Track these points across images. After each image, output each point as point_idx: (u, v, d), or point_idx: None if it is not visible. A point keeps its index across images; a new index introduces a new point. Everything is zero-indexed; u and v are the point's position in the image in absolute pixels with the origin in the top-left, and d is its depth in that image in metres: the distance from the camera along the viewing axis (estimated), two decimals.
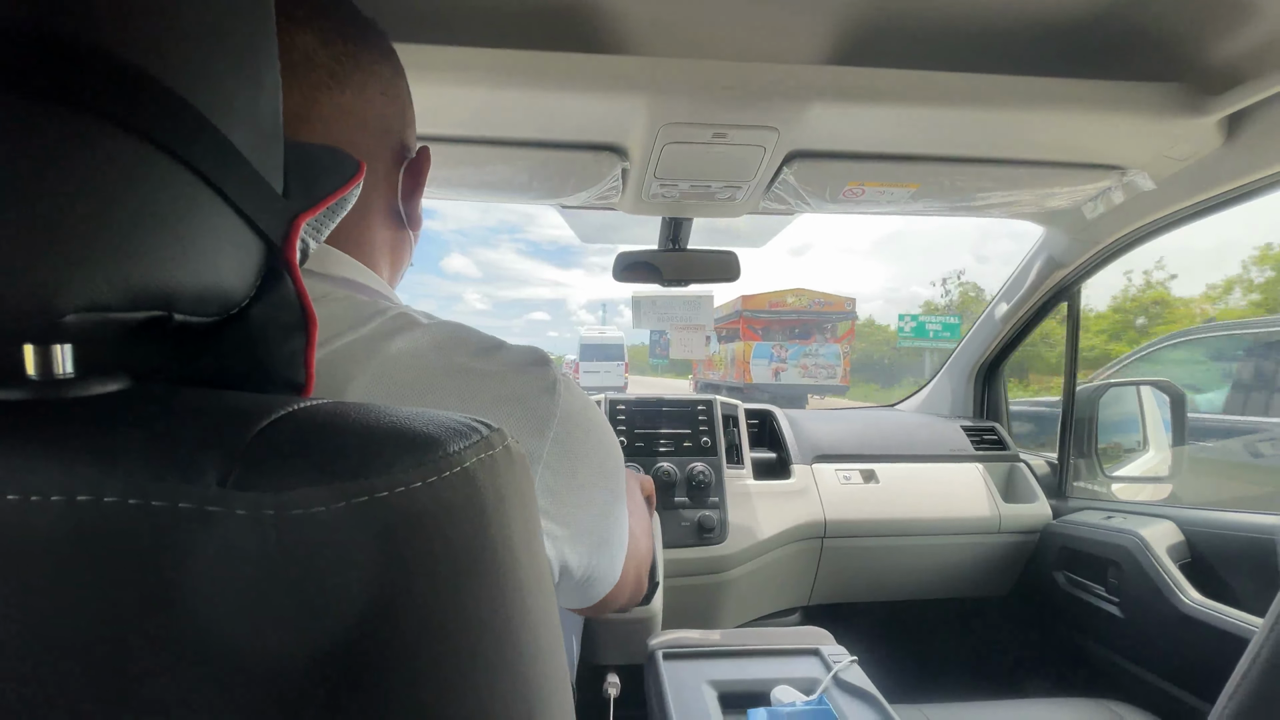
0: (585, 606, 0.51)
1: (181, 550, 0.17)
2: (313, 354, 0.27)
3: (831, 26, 0.75)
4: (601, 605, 0.52)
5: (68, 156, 0.18)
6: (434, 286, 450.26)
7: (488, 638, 0.22)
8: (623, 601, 0.55)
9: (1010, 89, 0.78)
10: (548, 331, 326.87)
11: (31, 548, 0.17)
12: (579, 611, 0.56)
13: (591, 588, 0.46)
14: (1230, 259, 20.32)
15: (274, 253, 0.26)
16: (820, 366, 15.59)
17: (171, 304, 0.22)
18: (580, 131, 0.87)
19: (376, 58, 0.44)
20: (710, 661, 0.87)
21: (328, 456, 0.19)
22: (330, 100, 0.41)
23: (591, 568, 0.43)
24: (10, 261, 0.17)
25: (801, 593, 1.42)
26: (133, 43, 0.19)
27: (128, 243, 0.19)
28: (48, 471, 0.17)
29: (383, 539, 0.19)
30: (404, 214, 0.49)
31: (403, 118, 0.48)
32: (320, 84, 0.41)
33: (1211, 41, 0.76)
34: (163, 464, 0.18)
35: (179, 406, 0.21)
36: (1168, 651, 1.10)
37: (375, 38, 0.45)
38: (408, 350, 0.37)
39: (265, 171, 0.25)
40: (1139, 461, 1.52)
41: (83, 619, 0.17)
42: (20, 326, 0.19)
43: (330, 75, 0.41)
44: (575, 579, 0.42)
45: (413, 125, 0.50)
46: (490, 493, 0.23)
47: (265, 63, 0.25)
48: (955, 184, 1.00)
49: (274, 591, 0.18)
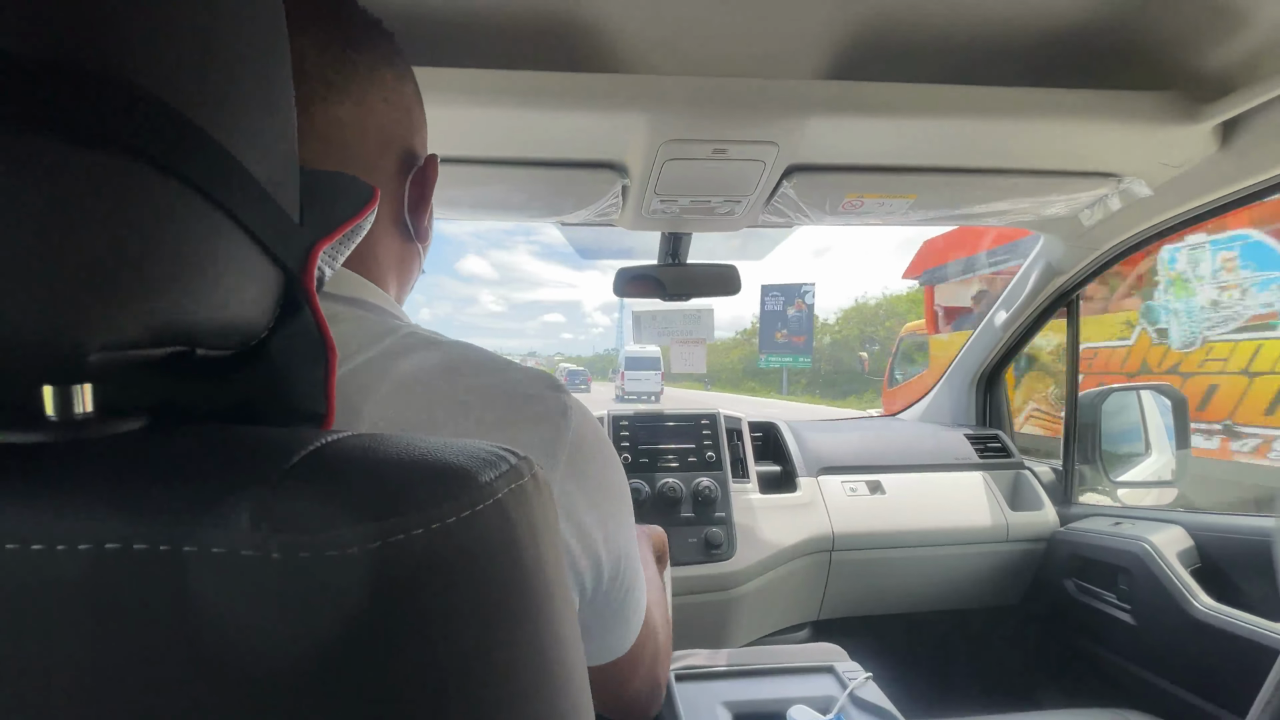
0: (603, 663, 0.48)
1: (216, 596, 0.17)
2: (333, 383, 0.27)
3: (829, 42, 0.76)
4: (618, 670, 0.49)
5: (95, 194, 0.17)
6: (449, 289, 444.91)
7: (526, 672, 0.21)
8: (639, 674, 0.52)
9: (1005, 100, 0.79)
10: (562, 334, 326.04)
11: (60, 598, 0.16)
12: (595, 673, 0.50)
13: (609, 629, 0.45)
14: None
15: (293, 282, 0.26)
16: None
17: (194, 339, 0.21)
18: (580, 150, 0.87)
19: (378, 61, 0.42)
20: (723, 682, 0.86)
21: (361, 495, 0.18)
22: (325, 114, 0.39)
23: (609, 599, 0.42)
24: (36, 301, 0.17)
25: (811, 607, 1.41)
26: (157, 76, 0.18)
27: (154, 279, 0.19)
28: (74, 519, 0.17)
29: (420, 578, 0.18)
30: (411, 226, 0.48)
31: (409, 124, 0.46)
32: (314, 96, 0.38)
33: (1203, 51, 0.77)
34: (192, 508, 0.17)
35: (202, 445, 0.21)
36: (1182, 658, 1.09)
37: (378, 39, 0.43)
38: (417, 372, 0.36)
39: (282, 201, 0.25)
40: (1143, 466, 1.52)
41: (115, 669, 0.16)
42: (44, 367, 0.19)
43: (326, 86, 0.39)
44: (591, 612, 0.42)
45: (421, 131, 0.48)
46: (523, 524, 0.22)
47: (281, 90, 0.25)
48: (953, 194, 1.01)
49: (312, 635, 0.17)
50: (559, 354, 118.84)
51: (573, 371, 34.43)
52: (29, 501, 0.17)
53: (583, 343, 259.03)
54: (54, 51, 0.16)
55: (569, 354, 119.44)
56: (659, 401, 20.82)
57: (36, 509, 0.17)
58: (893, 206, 1.04)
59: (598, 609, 0.42)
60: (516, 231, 51.65)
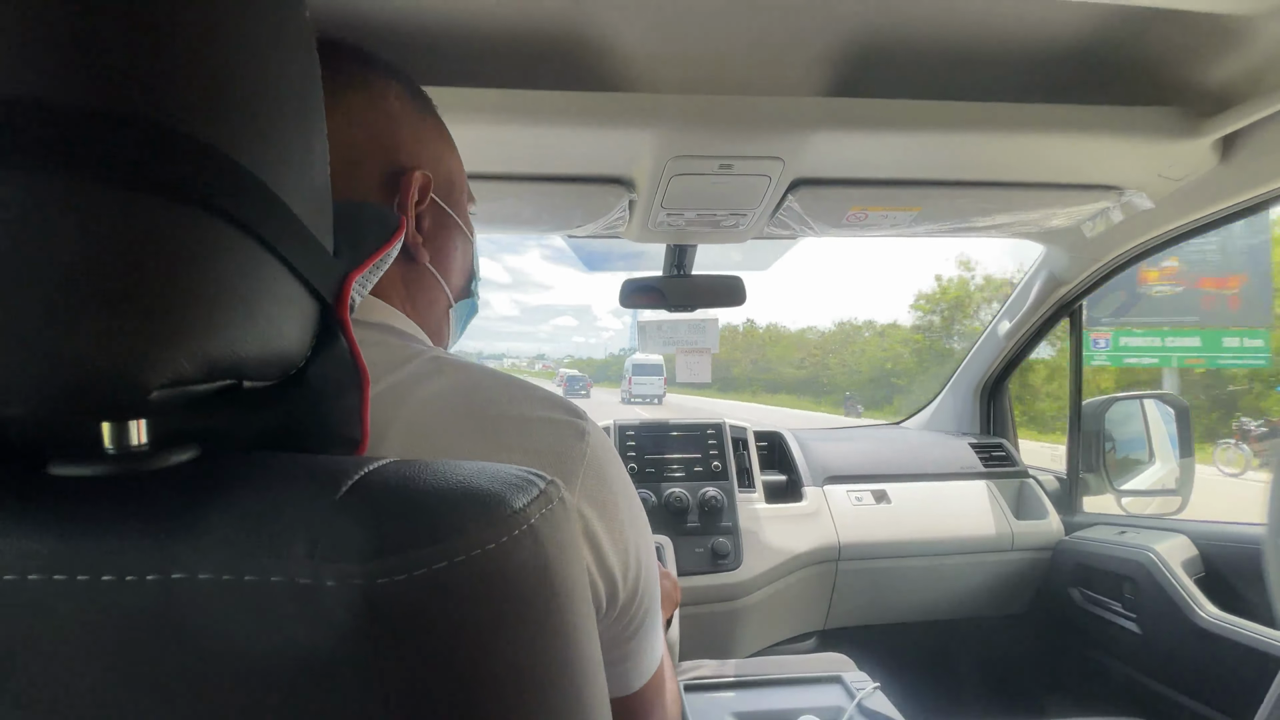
0: (623, 695, 0.47)
1: (276, 623, 0.18)
2: (367, 409, 0.28)
3: (834, 59, 0.77)
4: (637, 703, 0.48)
5: (155, 239, 0.18)
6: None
7: (557, 693, 0.22)
8: (655, 715, 0.50)
9: (1008, 115, 0.80)
10: (573, 337, 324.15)
11: (130, 628, 0.17)
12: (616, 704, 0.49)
13: (631, 652, 0.45)
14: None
15: (328, 312, 0.27)
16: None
17: (241, 371, 0.22)
18: (589, 165, 0.88)
19: (338, 87, 0.42)
20: (732, 693, 0.87)
21: (406, 523, 0.19)
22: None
23: (630, 616, 0.43)
24: (101, 343, 0.18)
25: (817, 617, 1.41)
26: (206, 121, 0.19)
27: (208, 318, 0.20)
28: (141, 550, 0.18)
29: (462, 603, 0.19)
30: (408, 246, 0.46)
31: (388, 144, 0.45)
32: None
33: (1203, 66, 0.78)
34: (252, 539, 0.18)
35: (254, 475, 0.22)
36: (1187, 667, 1.09)
37: (339, 64, 0.43)
38: (439, 396, 0.37)
39: (318, 234, 0.26)
40: (1147, 475, 1.52)
41: (184, 695, 0.17)
42: (107, 404, 0.20)
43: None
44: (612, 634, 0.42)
45: (409, 150, 0.47)
46: (553, 547, 0.23)
47: (316, 129, 0.26)
48: (956, 207, 1.02)
49: (363, 659, 0.18)
50: (568, 356, 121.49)
51: (572, 377, 34.31)
52: (98, 535, 0.18)
53: (594, 345, 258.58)
54: (98, 97, 0.17)
55: (580, 357, 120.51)
56: (661, 404, 24.24)
57: (105, 541, 0.18)
58: (897, 219, 1.05)
59: (619, 628, 0.43)
60: (529, 235, 53.38)
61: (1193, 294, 7.22)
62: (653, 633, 0.47)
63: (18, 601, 0.18)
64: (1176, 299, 7.27)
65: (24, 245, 0.17)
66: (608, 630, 0.41)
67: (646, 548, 0.44)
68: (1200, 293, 7.17)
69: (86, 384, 0.18)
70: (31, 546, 0.18)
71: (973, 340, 1.69)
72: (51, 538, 0.18)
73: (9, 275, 0.16)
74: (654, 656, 0.48)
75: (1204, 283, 7.18)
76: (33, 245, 0.17)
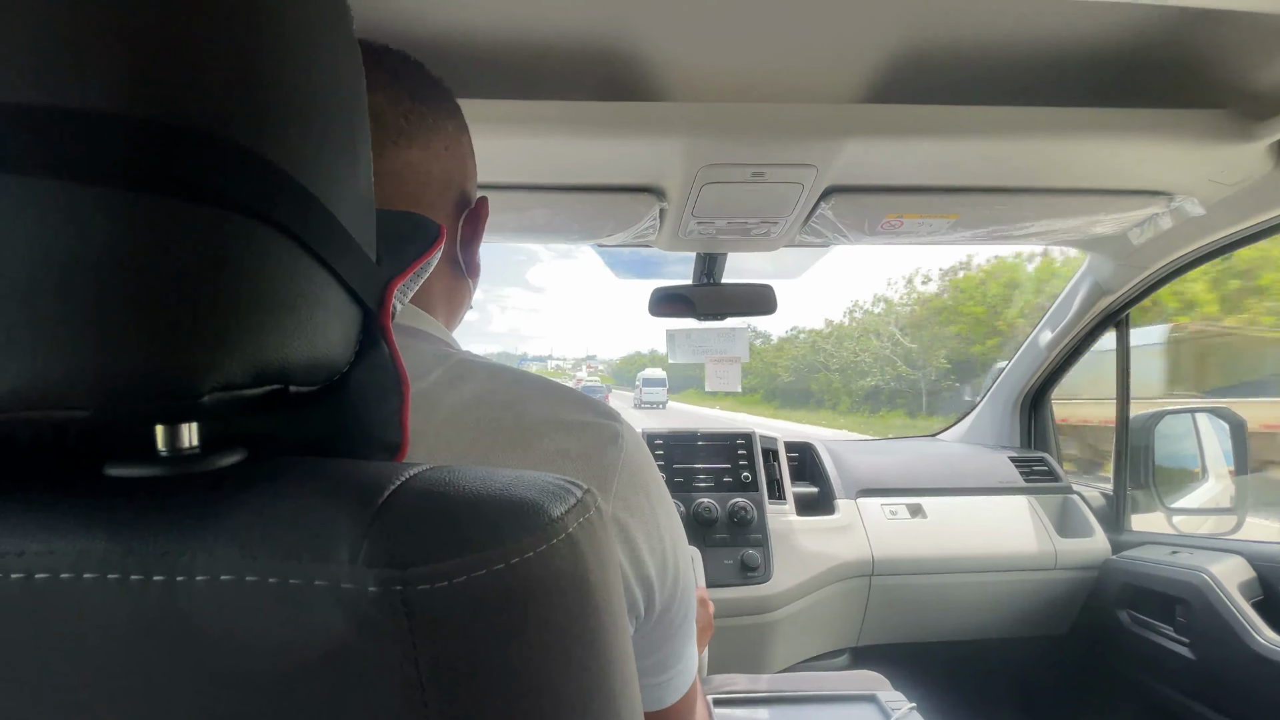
0: (658, 709, 0.47)
1: (319, 626, 0.18)
2: (407, 415, 0.28)
3: (868, 65, 0.76)
4: (675, 716, 0.48)
5: (212, 249, 0.19)
6: (519, 299, 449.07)
7: (595, 703, 0.22)
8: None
9: (1051, 120, 0.78)
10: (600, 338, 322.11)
11: (183, 628, 0.18)
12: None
13: (668, 660, 0.45)
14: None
15: (371, 319, 0.27)
16: None
17: (288, 377, 0.23)
18: (620, 175, 0.89)
19: (442, 115, 0.47)
20: (764, 709, 0.85)
21: (448, 530, 0.20)
22: (398, 155, 0.43)
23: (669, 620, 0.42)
24: (157, 349, 0.18)
25: (850, 633, 1.38)
26: (262, 135, 0.20)
27: (259, 325, 0.20)
28: (193, 552, 0.18)
29: (502, 611, 0.19)
30: (463, 262, 0.51)
31: (464, 170, 0.50)
32: (388, 139, 0.43)
33: (1257, 68, 0.75)
34: (297, 542, 0.19)
35: (299, 479, 0.22)
36: (1243, 694, 1.04)
37: (440, 96, 0.47)
38: (470, 401, 0.37)
39: (362, 242, 0.26)
40: (1200, 492, 1.46)
41: (233, 694, 0.18)
42: (161, 408, 0.20)
43: (398, 132, 0.43)
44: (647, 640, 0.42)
45: (474, 177, 0.52)
46: (591, 555, 0.23)
47: (361, 138, 0.26)
48: (996, 213, 0.99)
49: (404, 665, 0.18)
50: (588, 355, 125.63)
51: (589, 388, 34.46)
52: (151, 536, 0.19)
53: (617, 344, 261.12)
54: (153, 109, 0.18)
55: (603, 356, 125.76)
56: (664, 409, 31.99)
57: (158, 543, 0.18)
58: (934, 226, 1.03)
59: (657, 633, 0.42)
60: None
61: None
62: (688, 644, 0.46)
63: (72, 600, 0.18)
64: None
65: (88, 254, 0.17)
66: (644, 639, 0.41)
67: (682, 552, 0.43)
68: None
69: (144, 386, 0.19)
70: (87, 546, 0.19)
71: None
72: (105, 537, 0.19)
73: (75, 282, 0.17)
74: (689, 671, 0.47)
75: None
76: (98, 254, 0.17)
